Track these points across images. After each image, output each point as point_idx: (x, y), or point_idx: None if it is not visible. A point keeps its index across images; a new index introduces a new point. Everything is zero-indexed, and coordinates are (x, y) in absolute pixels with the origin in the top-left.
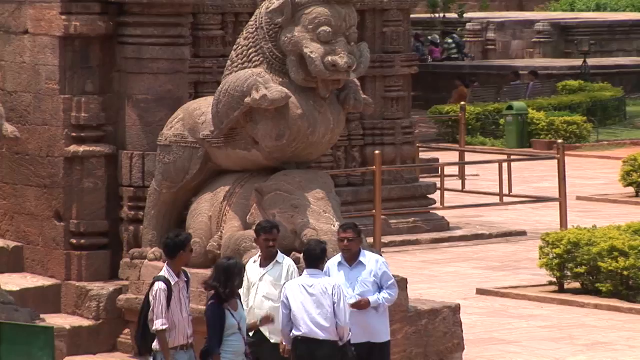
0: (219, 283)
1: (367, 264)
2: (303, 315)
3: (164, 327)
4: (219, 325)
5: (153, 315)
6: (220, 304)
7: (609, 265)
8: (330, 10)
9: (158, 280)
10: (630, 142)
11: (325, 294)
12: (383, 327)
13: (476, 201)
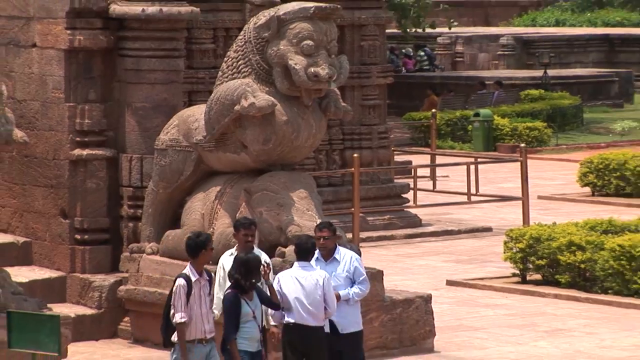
0: (240, 275)
1: (341, 260)
2: (295, 304)
3: (182, 320)
4: (235, 313)
5: (174, 310)
6: (238, 293)
7: (568, 258)
8: (312, 25)
9: (179, 277)
10: (587, 146)
11: (316, 285)
12: (354, 318)
13: (446, 200)
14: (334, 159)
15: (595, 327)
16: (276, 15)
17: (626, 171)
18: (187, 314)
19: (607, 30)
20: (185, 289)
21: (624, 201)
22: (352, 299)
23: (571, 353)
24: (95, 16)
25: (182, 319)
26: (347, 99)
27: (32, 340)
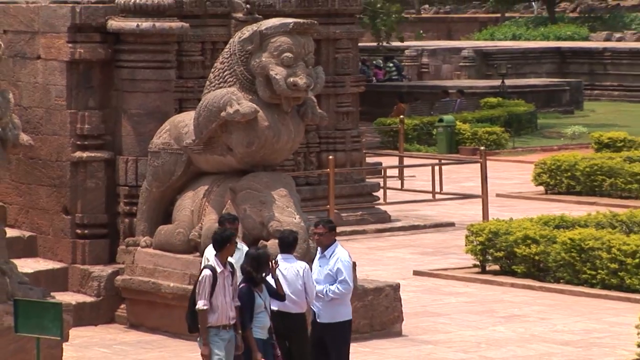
0: (252, 269)
1: (330, 260)
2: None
3: (204, 307)
4: (250, 305)
5: (197, 298)
6: (251, 286)
7: (523, 250)
8: (291, 39)
9: (206, 268)
10: (541, 149)
11: (297, 275)
12: (332, 311)
13: (413, 198)
14: (311, 160)
15: (548, 313)
16: (259, 30)
17: (576, 172)
18: (210, 302)
19: (558, 44)
20: (211, 279)
21: (574, 199)
22: (327, 296)
23: (526, 337)
24: (94, 31)
25: (205, 306)
26: (322, 106)
27: (36, 326)
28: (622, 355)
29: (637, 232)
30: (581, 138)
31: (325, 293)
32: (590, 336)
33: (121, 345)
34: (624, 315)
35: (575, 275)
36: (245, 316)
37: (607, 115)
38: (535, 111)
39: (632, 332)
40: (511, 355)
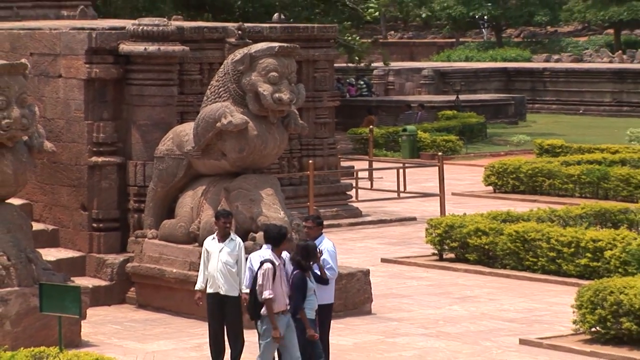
0: (302, 258)
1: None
2: None
3: (270, 296)
4: (303, 289)
5: (262, 288)
6: (303, 273)
7: (475, 241)
8: (277, 60)
9: (266, 262)
10: (490, 154)
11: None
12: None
13: (380, 196)
14: (293, 164)
15: (496, 294)
16: (249, 53)
17: (520, 174)
18: (273, 292)
19: (505, 64)
20: (272, 271)
21: (518, 197)
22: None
23: (477, 315)
24: (108, 53)
25: (270, 295)
26: (303, 118)
27: (58, 306)
28: (559, 330)
29: (572, 226)
30: (524, 145)
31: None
32: (532, 314)
33: (131, 322)
34: (561, 297)
35: (520, 262)
36: (298, 299)
37: (546, 126)
38: (485, 122)
39: (568, 311)
40: (465, 331)
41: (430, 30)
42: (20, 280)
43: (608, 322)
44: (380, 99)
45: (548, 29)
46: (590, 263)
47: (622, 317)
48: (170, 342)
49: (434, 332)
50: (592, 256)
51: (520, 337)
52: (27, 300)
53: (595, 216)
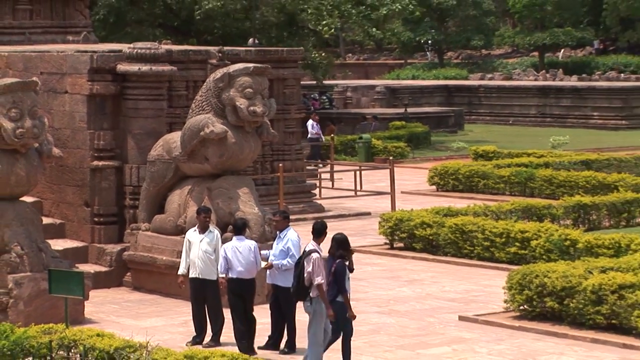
0: (342, 249)
1: (284, 239)
2: (236, 265)
3: (322, 281)
4: (344, 275)
5: (312, 274)
6: (344, 262)
7: (421, 232)
8: (252, 79)
9: (314, 252)
10: (433, 159)
11: (249, 251)
12: (284, 278)
13: (340, 194)
14: (266, 167)
15: (439, 278)
16: (228, 72)
17: (459, 175)
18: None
19: (446, 82)
20: (320, 260)
21: (457, 195)
22: (283, 267)
23: (423, 295)
24: (107, 73)
25: (322, 280)
26: (274, 128)
27: (65, 288)
28: (493, 308)
29: (503, 219)
30: (462, 151)
31: (280, 265)
32: (469, 295)
33: (127, 302)
34: (493, 280)
35: (459, 250)
36: (341, 284)
37: (481, 134)
38: (429, 131)
39: (500, 292)
40: (412, 309)
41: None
42: (32, 267)
43: (534, 301)
44: (340, 111)
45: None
46: (519, 251)
47: (545, 297)
48: (161, 319)
49: (386, 310)
50: (520, 245)
51: (459, 314)
52: (38, 283)
53: (522, 211)
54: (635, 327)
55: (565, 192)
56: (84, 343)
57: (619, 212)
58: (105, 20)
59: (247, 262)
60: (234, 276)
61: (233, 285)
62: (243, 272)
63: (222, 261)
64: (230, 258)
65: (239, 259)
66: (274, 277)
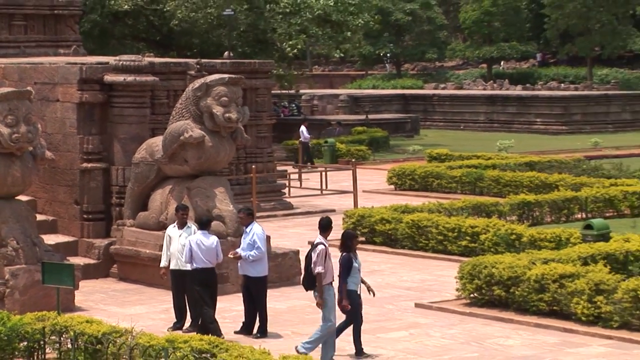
0: (351, 243)
1: (250, 233)
2: (200, 256)
3: (322, 271)
4: (349, 267)
5: (314, 264)
6: (350, 254)
7: (381, 227)
8: (227, 88)
9: (320, 244)
10: (392, 161)
11: (212, 244)
12: (253, 269)
13: (308, 193)
14: (240, 168)
15: (397, 269)
16: (205, 82)
17: (415, 175)
18: (325, 268)
19: (403, 91)
20: (325, 252)
21: (414, 193)
22: (248, 259)
23: (383, 284)
24: (95, 83)
25: (322, 270)
26: (247, 133)
27: (57, 279)
28: (446, 296)
29: (455, 215)
30: (418, 153)
31: (248, 257)
32: (425, 284)
33: (114, 292)
34: (446, 270)
35: (415, 243)
36: (343, 274)
37: (435, 139)
38: (388, 136)
39: (452, 281)
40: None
41: (345, 65)
42: (27, 260)
43: (483, 290)
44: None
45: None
46: (469, 244)
47: (493, 286)
48: (144, 307)
49: None
50: (470, 239)
51: (415, 302)
52: (32, 275)
53: (472, 208)
54: (574, 313)
55: (511, 190)
56: (74, 329)
57: (559, 209)
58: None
59: (210, 255)
60: (199, 266)
61: (198, 275)
62: (206, 263)
63: (187, 252)
64: (195, 250)
65: (202, 251)
66: (245, 268)
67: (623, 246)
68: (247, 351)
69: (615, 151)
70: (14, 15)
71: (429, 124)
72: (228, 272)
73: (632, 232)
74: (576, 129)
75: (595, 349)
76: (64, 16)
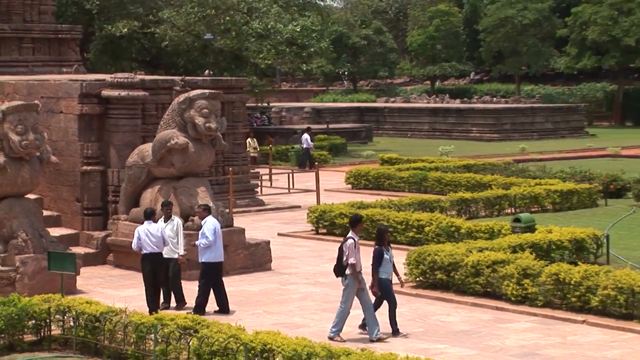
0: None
1: (203, 225)
2: (148, 243)
3: (354, 261)
4: (380, 258)
5: (347, 256)
6: (382, 247)
7: (340, 221)
8: (207, 101)
9: (350, 238)
10: (349, 164)
11: (158, 231)
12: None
13: (277, 192)
14: (219, 170)
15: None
16: (189, 97)
17: (369, 176)
18: (355, 259)
19: (359, 104)
20: (354, 245)
21: (368, 192)
22: (200, 246)
23: None
24: (94, 97)
25: (354, 261)
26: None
27: (60, 266)
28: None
29: (403, 210)
30: (372, 157)
31: (198, 244)
32: None
33: (110, 277)
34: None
35: (369, 234)
36: (375, 264)
37: (386, 145)
38: (346, 142)
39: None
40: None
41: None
42: (35, 249)
43: (427, 274)
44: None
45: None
46: (415, 235)
47: (436, 271)
48: (136, 290)
49: (312, 282)
50: (416, 231)
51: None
52: (39, 262)
53: (418, 204)
54: (505, 294)
55: (451, 189)
56: (76, 309)
57: (492, 205)
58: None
59: (157, 241)
60: (147, 252)
61: (147, 259)
62: (154, 248)
63: (136, 240)
64: (144, 238)
65: (150, 238)
66: (201, 256)
67: (546, 237)
68: (225, 327)
69: (540, 155)
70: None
71: (381, 132)
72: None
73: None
74: (506, 137)
75: (523, 324)
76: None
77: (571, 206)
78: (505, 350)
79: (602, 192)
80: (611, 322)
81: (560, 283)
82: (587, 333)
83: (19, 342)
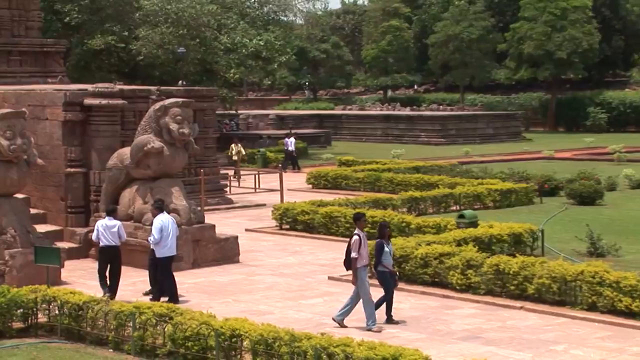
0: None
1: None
2: (106, 236)
3: (356, 256)
4: (380, 251)
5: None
6: (383, 241)
7: (301, 218)
8: (181, 109)
9: (355, 234)
10: (310, 165)
11: (115, 227)
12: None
13: (244, 191)
14: (191, 172)
15: (314, 250)
16: (164, 105)
17: (328, 177)
18: (359, 253)
19: (318, 112)
20: (359, 241)
21: (327, 191)
22: (150, 242)
23: (303, 262)
24: (77, 105)
25: (356, 256)
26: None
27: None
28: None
29: (359, 208)
30: (330, 160)
31: (149, 240)
32: (335, 261)
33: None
34: None
35: (328, 230)
36: (377, 257)
37: (344, 149)
38: (307, 146)
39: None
40: (295, 272)
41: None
42: (23, 244)
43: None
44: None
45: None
46: (370, 231)
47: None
48: None
49: (277, 273)
50: (371, 226)
51: (328, 275)
52: (27, 256)
53: (372, 202)
54: (451, 283)
55: (402, 188)
56: (60, 298)
57: (439, 203)
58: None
59: (114, 235)
60: (104, 244)
61: (103, 252)
62: (110, 242)
63: (95, 233)
64: (102, 231)
65: (108, 233)
66: (156, 251)
67: (488, 231)
68: (198, 315)
69: (482, 158)
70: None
71: (339, 137)
72: (182, 253)
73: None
74: (451, 141)
75: (467, 310)
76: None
77: (510, 204)
78: (451, 334)
79: (538, 191)
80: (546, 308)
81: (500, 273)
82: (525, 318)
83: (8, 330)
